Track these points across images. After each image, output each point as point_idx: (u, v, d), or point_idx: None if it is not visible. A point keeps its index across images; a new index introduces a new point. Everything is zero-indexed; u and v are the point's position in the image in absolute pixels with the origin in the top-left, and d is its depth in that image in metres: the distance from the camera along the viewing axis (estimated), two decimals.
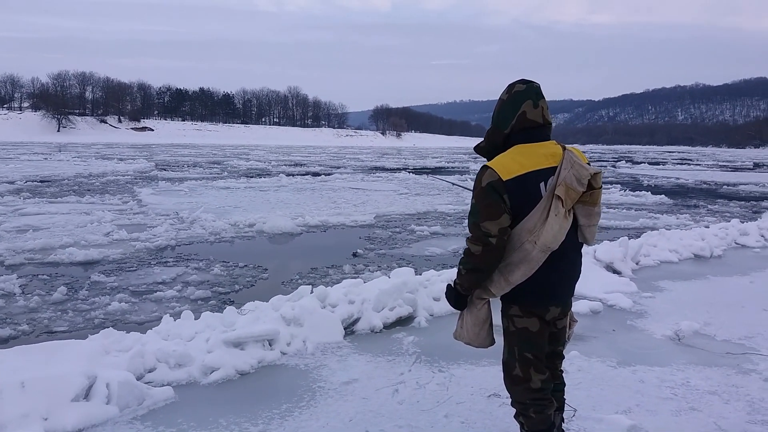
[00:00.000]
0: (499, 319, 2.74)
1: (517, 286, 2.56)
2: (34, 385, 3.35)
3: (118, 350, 4.20)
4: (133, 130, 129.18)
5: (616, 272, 7.25)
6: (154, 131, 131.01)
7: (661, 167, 48.31)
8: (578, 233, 2.64)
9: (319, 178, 27.17)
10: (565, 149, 2.59)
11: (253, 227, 12.10)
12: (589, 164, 2.60)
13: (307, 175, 29.38)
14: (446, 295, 2.82)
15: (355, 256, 9.65)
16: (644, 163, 56.78)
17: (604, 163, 55.38)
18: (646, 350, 4.72)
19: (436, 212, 15.41)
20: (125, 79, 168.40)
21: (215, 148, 77.53)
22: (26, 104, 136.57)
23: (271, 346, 4.50)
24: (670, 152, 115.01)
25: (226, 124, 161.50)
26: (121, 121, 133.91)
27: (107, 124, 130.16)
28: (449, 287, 2.79)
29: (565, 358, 2.99)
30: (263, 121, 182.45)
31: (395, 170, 35.55)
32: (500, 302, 2.72)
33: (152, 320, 6.10)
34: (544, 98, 2.59)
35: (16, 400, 3.25)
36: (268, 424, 3.43)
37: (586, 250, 7.35)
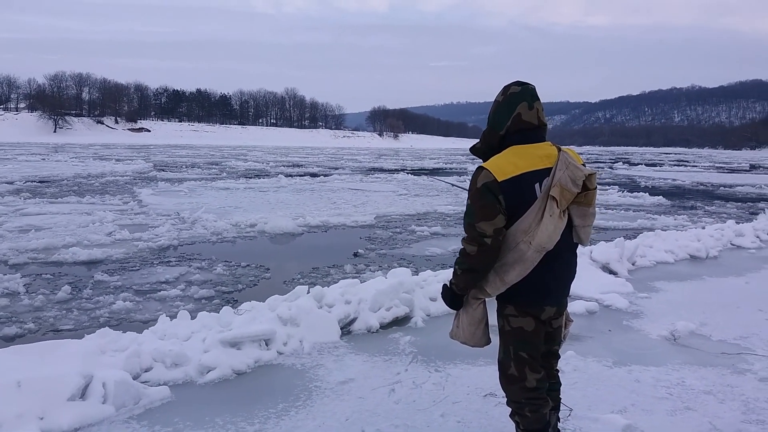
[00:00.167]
0: (494, 318, 2.75)
1: (512, 286, 2.57)
2: (29, 384, 3.35)
3: (114, 350, 4.20)
4: (129, 131, 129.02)
5: (612, 273, 7.27)
6: (150, 132, 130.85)
7: (658, 169, 48.42)
8: (573, 234, 2.66)
9: (318, 178, 27.19)
10: (560, 150, 2.60)
11: (254, 227, 12.12)
12: (584, 165, 2.62)
13: (305, 176, 29.41)
14: (442, 295, 2.83)
15: (356, 256, 9.69)
16: (641, 164, 56.89)
17: (601, 164, 55.47)
18: (641, 350, 4.74)
19: (435, 213, 15.44)
20: (122, 80, 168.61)
21: (213, 149, 77.44)
22: (23, 105, 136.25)
23: (267, 345, 4.50)
24: (666, 154, 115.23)
25: (222, 125, 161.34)
26: (117, 122, 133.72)
27: (104, 125, 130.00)
28: (445, 287, 2.79)
29: (560, 357, 3.01)
30: (260, 122, 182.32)
31: (393, 171, 35.57)
32: (496, 302, 2.73)
33: (157, 319, 6.09)
34: (539, 100, 2.60)
35: (11, 399, 3.25)
36: (264, 423, 3.43)
37: (582, 250, 7.40)
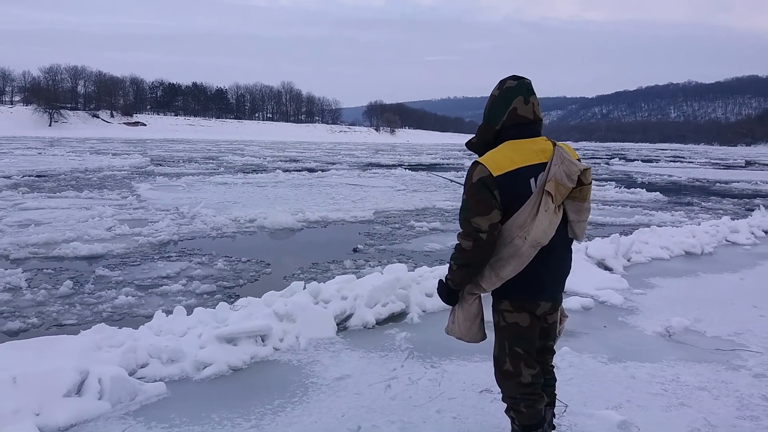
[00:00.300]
0: (490, 314, 2.76)
1: (507, 281, 2.58)
2: (25, 380, 3.34)
3: (110, 346, 4.20)
4: (125, 124, 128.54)
5: (607, 269, 7.29)
6: (146, 126, 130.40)
7: (654, 165, 48.54)
8: (568, 229, 2.66)
9: (315, 174, 27.18)
10: (555, 145, 2.60)
11: (254, 222, 12.12)
12: (579, 160, 2.62)
13: (303, 171, 29.48)
14: (438, 290, 2.83)
15: (355, 251, 9.70)
16: (637, 160, 56.99)
17: (597, 160, 55.55)
18: (637, 346, 4.75)
19: (434, 208, 15.46)
20: (118, 73, 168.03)
21: (209, 143, 77.29)
22: (17, 98, 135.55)
23: (263, 341, 4.50)
24: (662, 150, 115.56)
25: (219, 119, 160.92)
26: (113, 115, 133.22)
27: (99, 118, 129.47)
28: (441, 283, 2.80)
29: (555, 353, 3.01)
30: (256, 116, 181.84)
31: (391, 166, 35.59)
32: (491, 297, 2.74)
33: (168, 313, 6.08)
34: (535, 94, 2.59)
35: (7, 395, 3.24)
36: (260, 419, 3.43)
37: (578, 247, 7.41)
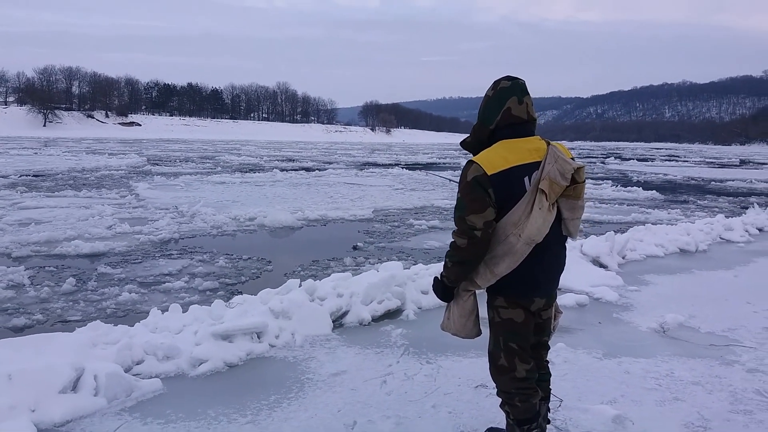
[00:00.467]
0: (485, 310, 2.77)
1: (502, 277, 2.60)
2: (21, 377, 3.34)
3: (105, 342, 4.20)
4: (120, 125, 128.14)
5: (602, 266, 7.32)
6: (141, 126, 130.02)
7: (649, 164, 48.68)
8: (562, 226, 2.69)
9: (313, 173, 27.23)
10: (549, 144, 2.62)
11: (253, 221, 12.15)
12: (573, 159, 2.64)
13: (300, 170, 29.54)
14: (433, 287, 2.85)
15: (355, 249, 9.74)
16: (633, 159, 57.12)
17: (593, 159, 55.67)
18: (631, 342, 4.78)
19: (432, 207, 15.52)
20: (112, 73, 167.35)
21: (205, 143, 77.14)
22: (12, 99, 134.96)
23: (259, 338, 4.51)
24: (657, 149, 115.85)
25: (214, 119, 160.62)
26: (108, 116, 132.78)
27: (94, 119, 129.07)
28: (436, 280, 2.81)
29: (550, 348, 3.04)
30: (252, 116, 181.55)
31: (388, 166, 35.64)
32: (486, 294, 2.76)
33: (164, 311, 6.10)
34: (528, 95, 2.62)
35: (3, 391, 3.24)
36: (256, 415, 3.44)
37: (573, 244, 7.45)
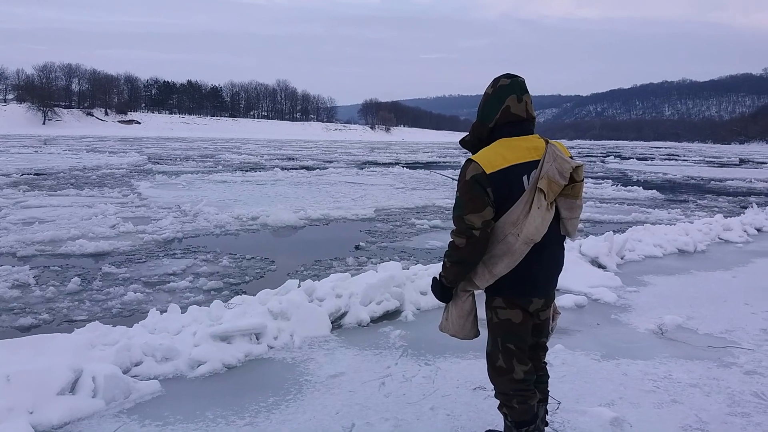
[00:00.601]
0: (483, 311, 2.77)
1: (500, 278, 2.59)
2: (19, 378, 3.34)
3: (104, 344, 4.19)
4: (119, 123, 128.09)
5: (601, 267, 7.32)
6: (141, 124, 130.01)
7: (649, 163, 48.68)
8: (560, 226, 2.68)
9: (314, 172, 27.23)
10: (547, 143, 2.61)
11: (256, 220, 12.18)
12: (571, 158, 2.63)
13: (301, 169, 29.59)
14: (432, 287, 2.84)
15: (357, 248, 9.77)
16: (632, 158, 57.12)
17: (592, 158, 55.66)
18: (629, 344, 4.78)
19: (434, 206, 15.53)
20: (112, 71, 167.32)
21: (205, 141, 77.10)
22: (11, 96, 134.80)
23: (258, 339, 4.51)
24: (657, 148, 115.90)
25: (213, 117, 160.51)
26: (107, 113, 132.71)
27: (94, 116, 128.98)
28: (435, 280, 2.81)
29: (548, 350, 3.03)
30: (251, 114, 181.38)
31: (388, 164, 35.67)
32: (484, 294, 2.75)
33: (162, 311, 6.09)
34: (528, 93, 2.61)
35: (1, 393, 3.24)
36: (254, 417, 3.44)
37: (571, 245, 7.45)
